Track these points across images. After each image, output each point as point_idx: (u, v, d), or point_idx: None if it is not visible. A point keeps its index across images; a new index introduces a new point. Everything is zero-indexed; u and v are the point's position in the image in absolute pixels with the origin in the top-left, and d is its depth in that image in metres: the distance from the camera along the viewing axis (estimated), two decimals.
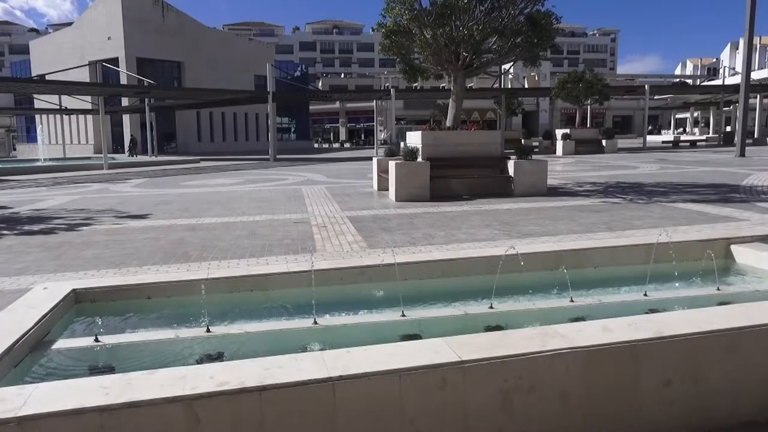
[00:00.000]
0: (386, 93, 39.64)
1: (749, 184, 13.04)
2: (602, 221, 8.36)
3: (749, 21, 24.01)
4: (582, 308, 3.77)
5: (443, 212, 9.73)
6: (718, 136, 43.97)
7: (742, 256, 4.74)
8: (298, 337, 3.40)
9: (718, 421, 2.61)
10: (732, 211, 8.97)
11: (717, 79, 60.71)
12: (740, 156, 24.07)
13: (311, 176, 19.28)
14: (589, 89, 31.76)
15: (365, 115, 66.65)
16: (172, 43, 47.36)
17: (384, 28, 12.59)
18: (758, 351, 2.67)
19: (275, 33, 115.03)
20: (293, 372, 2.21)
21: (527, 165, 12.38)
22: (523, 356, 2.37)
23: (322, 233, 7.86)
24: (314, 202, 11.69)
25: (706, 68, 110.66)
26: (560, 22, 12.78)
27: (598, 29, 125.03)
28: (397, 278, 3.89)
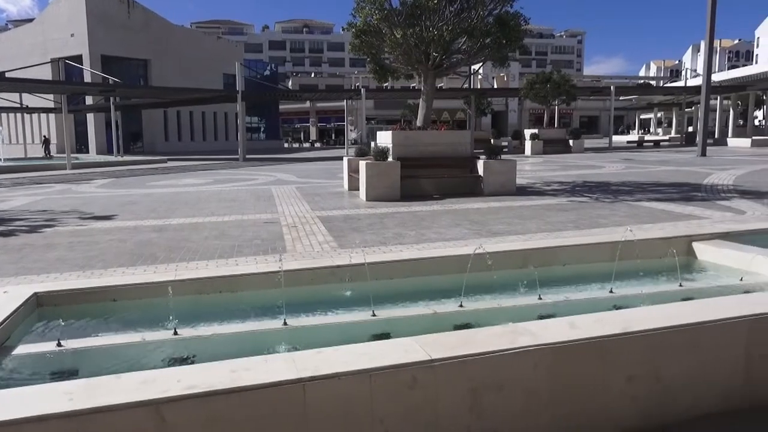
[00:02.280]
0: (357, 93, 39.61)
1: (710, 183, 13.42)
2: (570, 220, 8.50)
3: (710, 24, 24.72)
4: (550, 306, 3.83)
5: (413, 212, 9.77)
6: (680, 136, 45.15)
7: (703, 253, 4.87)
8: (268, 338, 3.37)
9: (679, 415, 2.68)
10: (694, 210, 9.22)
11: (679, 81, 62.29)
12: (701, 156, 24.75)
13: (281, 176, 19.14)
14: (556, 90, 32.26)
15: (336, 114, 66.47)
16: (138, 40, 46.45)
17: (354, 27, 12.58)
18: (717, 345, 2.75)
19: (244, 31, 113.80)
20: (263, 373, 2.19)
21: (496, 165, 12.51)
22: (491, 354, 2.39)
23: (292, 233, 7.82)
24: (284, 202, 11.61)
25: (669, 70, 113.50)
26: (528, 23, 12.95)
27: (565, 31, 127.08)
28: (368, 278, 3.89)
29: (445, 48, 12.23)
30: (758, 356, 2.81)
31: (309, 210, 10.25)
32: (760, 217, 8.28)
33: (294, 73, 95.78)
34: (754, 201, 10.14)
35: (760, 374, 2.83)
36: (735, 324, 2.75)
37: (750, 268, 4.38)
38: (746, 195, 11.07)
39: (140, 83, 46.45)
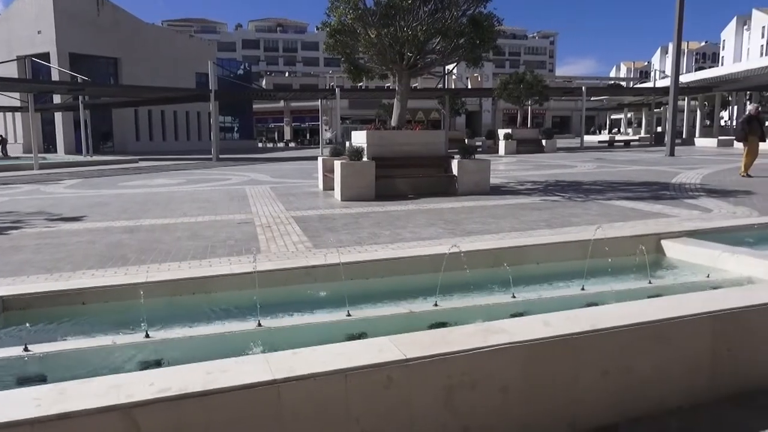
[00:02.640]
0: (331, 92, 39.51)
1: (678, 182, 13.72)
2: (543, 219, 8.60)
3: (677, 27, 25.26)
4: (523, 303, 3.87)
5: (388, 212, 9.78)
6: (649, 136, 46.07)
7: (671, 250, 4.98)
8: (242, 339, 3.34)
9: (649, 409, 2.74)
10: (663, 208, 9.41)
11: (648, 82, 63.57)
12: (670, 155, 25.29)
13: (255, 176, 18.99)
14: (529, 90, 32.65)
15: (310, 114, 66.25)
16: (108, 38, 45.59)
17: (328, 27, 12.54)
18: (685, 340, 2.81)
19: (217, 30, 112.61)
20: (237, 375, 2.17)
21: (471, 164, 12.60)
22: (466, 352, 2.41)
23: (266, 234, 7.76)
24: (258, 202, 11.52)
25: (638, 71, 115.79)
26: (502, 24, 13.07)
27: (537, 32, 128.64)
28: (343, 278, 3.88)
29: (419, 48, 12.27)
30: (724, 350, 2.89)
31: (283, 210, 10.19)
32: (726, 216, 8.50)
33: (268, 73, 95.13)
34: (720, 199, 10.40)
35: (725, 368, 2.91)
36: (702, 320, 2.82)
37: (716, 264, 4.49)
38: (712, 194, 11.35)
39: (110, 82, 45.60)
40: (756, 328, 2.97)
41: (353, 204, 10.88)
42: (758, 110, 16.34)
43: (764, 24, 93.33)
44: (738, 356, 2.94)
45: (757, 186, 12.46)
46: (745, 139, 14.92)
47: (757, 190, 11.61)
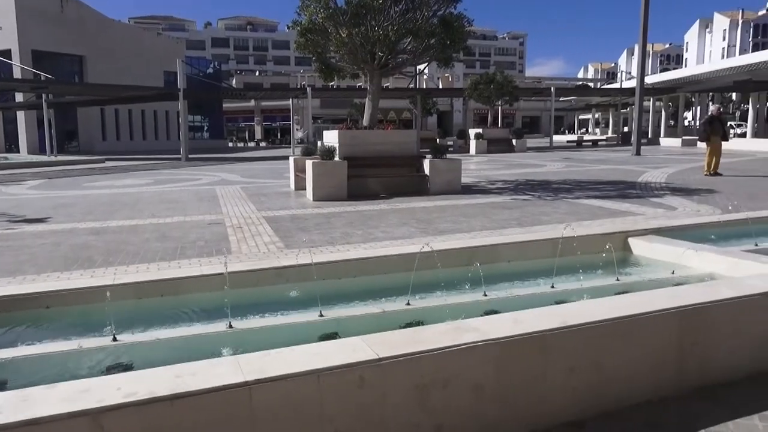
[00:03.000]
0: (302, 91, 39.31)
1: (644, 181, 14.03)
2: (513, 217, 8.70)
3: (642, 29, 25.81)
4: (495, 302, 3.90)
5: (361, 211, 9.77)
6: (617, 136, 46.97)
7: (638, 248, 5.09)
8: (212, 342, 3.30)
9: (615, 404, 2.79)
10: (629, 206, 9.61)
11: (615, 83, 64.81)
12: (636, 155, 25.84)
13: (226, 176, 18.77)
14: (499, 90, 32.97)
15: (281, 113, 65.74)
16: (73, 35, 44.46)
17: (299, 26, 12.47)
18: (651, 336, 2.88)
19: (186, 28, 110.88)
20: (207, 378, 2.14)
21: (442, 164, 12.67)
22: (438, 351, 2.42)
23: (237, 234, 7.68)
24: (229, 202, 11.39)
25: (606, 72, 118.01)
26: (472, 24, 13.17)
27: (507, 33, 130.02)
28: (315, 278, 3.86)
29: (390, 48, 12.28)
30: (689, 345, 2.96)
31: (254, 210, 10.09)
32: (690, 213, 8.72)
33: (238, 71, 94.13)
34: (684, 198, 10.67)
35: (690, 363, 2.98)
36: (667, 315, 2.89)
37: (680, 261, 4.61)
38: (677, 192, 11.63)
39: (75, 80, 44.51)
40: (718, 323, 3.05)
41: (325, 204, 10.84)
42: (720, 111, 16.83)
43: (725, 27, 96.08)
44: (702, 350, 3.02)
45: (719, 185, 12.81)
46: (708, 139, 15.33)
47: (719, 189, 11.94)
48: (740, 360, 3.12)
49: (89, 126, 47.76)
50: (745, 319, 3.12)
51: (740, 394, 2.92)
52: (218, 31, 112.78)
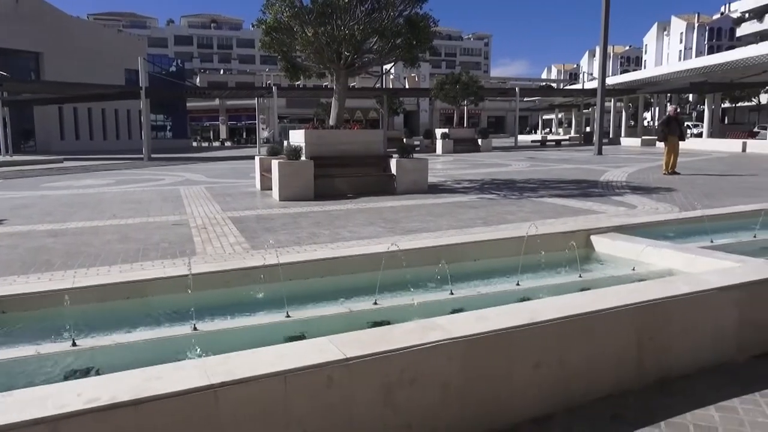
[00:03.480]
0: (268, 91, 38.95)
1: (605, 180, 14.35)
2: (479, 216, 8.79)
3: (604, 32, 26.40)
4: (461, 300, 3.94)
5: (327, 211, 9.74)
6: (579, 136, 47.90)
7: (600, 245, 5.21)
8: (177, 345, 3.25)
9: (579, 398, 2.85)
10: (592, 205, 9.82)
11: (577, 84, 66.10)
12: (598, 154, 26.41)
13: (190, 176, 18.47)
14: (465, 90, 33.26)
15: (247, 113, 64.95)
16: (29, 31, 42.99)
17: (264, 24, 12.35)
18: (611, 332, 2.95)
19: (147, 25, 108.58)
20: (172, 382, 2.11)
21: (409, 163, 12.73)
22: (405, 350, 2.43)
23: (202, 235, 7.56)
24: (193, 203, 11.21)
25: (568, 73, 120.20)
26: (437, 25, 13.26)
27: (472, 34, 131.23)
28: (281, 279, 3.83)
29: (356, 47, 12.27)
30: (647, 340, 3.05)
31: (220, 211, 9.96)
32: (649, 211, 8.96)
33: (202, 70, 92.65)
34: (644, 196, 10.96)
35: (650, 357, 3.07)
36: (627, 311, 2.96)
37: (640, 258, 4.73)
38: (637, 190, 11.94)
39: (32, 77, 43.11)
40: (676, 317, 3.14)
41: (291, 204, 10.77)
42: (677, 112, 17.34)
43: (682, 30, 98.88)
44: (660, 345, 3.11)
45: (677, 183, 13.20)
46: (666, 139, 15.78)
47: (677, 188, 12.30)
48: (697, 353, 3.23)
49: (47, 125, 46.29)
50: (701, 313, 3.23)
51: (697, 386, 3.01)
52: (181, 29, 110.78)
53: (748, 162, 20.45)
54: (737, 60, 34.26)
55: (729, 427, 2.60)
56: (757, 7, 64.72)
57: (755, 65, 34.26)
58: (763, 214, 6.00)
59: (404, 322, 2.86)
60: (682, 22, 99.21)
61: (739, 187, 12.26)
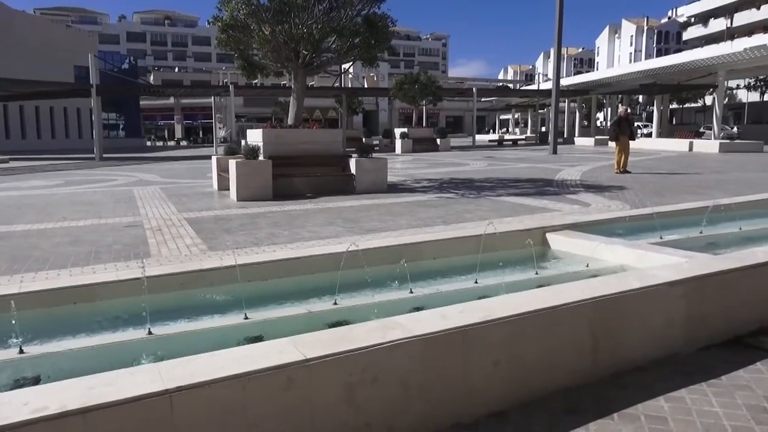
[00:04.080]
0: (225, 89, 38.29)
1: (560, 179, 14.68)
2: (438, 215, 8.87)
3: (557, 34, 26.98)
4: (421, 298, 3.97)
5: (287, 211, 9.65)
6: (535, 136, 48.91)
7: (555, 243, 5.32)
8: (131, 350, 3.16)
9: (537, 392, 2.90)
10: (548, 203, 10.03)
11: (533, 85, 67.42)
12: (553, 153, 26.98)
13: (144, 176, 18.01)
14: (424, 90, 33.47)
15: (203, 111, 63.80)
16: None
17: (220, 22, 12.15)
18: (567, 327, 3.02)
19: (98, 21, 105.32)
20: (125, 388, 2.05)
21: (368, 163, 12.73)
22: (366, 349, 2.43)
23: (157, 237, 7.38)
24: (148, 204, 10.94)
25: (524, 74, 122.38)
26: (396, 25, 13.31)
27: (430, 34, 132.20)
28: (240, 280, 3.78)
29: (314, 46, 12.21)
30: (602, 334, 3.13)
31: (175, 212, 9.74)
32: (602, 209, 9.21)
33: (156, 68, 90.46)
34: (597, 194, 11.26)
35: (604, 351, 3.15)
36: (582, 306, 3.04)
37: (594, 254, 4.86)
38: (590, 189, 12.26)
39: None
40: (628, 312, 3.24)
41: (250, 204, 10.62)
42: (628, 112, 17.89)
43: (632, 33, 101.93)
44: (614, 339, 3.20)
45: (629, 182, 13.61)
46: (617, 138, 16.25)
47: (629, 186, 12.68)
48: (648, 346, 3.33)
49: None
50: (652, 307, 3.34)
51: (648, 378, 3.11)
52: (134, 25, 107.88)
53: (694, 161, 21.26)
54: (684, 63, 35.58)
55: (677, 417, 2.70)
56: (702, 12, 67.37)
57: (700, 68, 35.65)
58: (708, 211, 6.25)
59: (364, 321, 2.86)
60: (632, 26, 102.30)
61: (685, 185, 12.73)
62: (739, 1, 60.68)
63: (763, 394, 2.91)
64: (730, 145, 28.04)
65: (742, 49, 29.84)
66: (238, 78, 48.45)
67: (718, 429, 2.59)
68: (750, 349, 3.49)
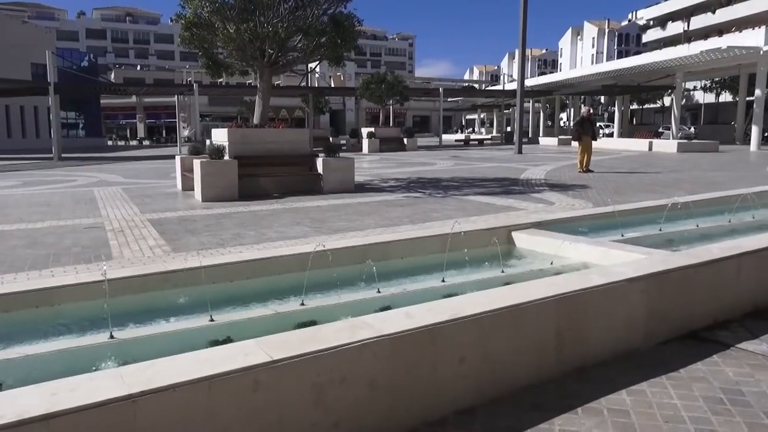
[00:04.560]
0: (189, 88, 37.69)
1: (525, 178, 14.90)
2: (405, 215, 8.90)
3: (522, 35, 27.37)
4: (388, 298, 3.98)
5: (253, 211, 9.56)
6: (501, 135, 49.51)
7: (520, 241, 5.40)
8: (93, 354, 3.09)
9: (504, 389, 2.95)
10: (513, 202, 10.17)
11: (498, 85, 68.24)
12: (518, 153, 27.37)
13: (105, 177, 17.59)
14: (390, 90, 33.57)
15: (166, 110, 62.58)
16: None
17: (183, 19, 11.94)
18: (532, 325, 3.07)
19: (56, 17, 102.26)
20: (87, 393, 2.00)
21: (335, 162, 12.70)
22: (333, 349, 2.43)
23: (119, 239, 7.22)
24: (109, 205, 10.68)
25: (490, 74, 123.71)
26: (362, 24, 13.29)
27: (397, 34, 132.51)
28: (205, 282, 3.73)
29: (280, 45, 12.11)
30: (566, 330, 3.19)
31: (138, 213, 9.54)
32: (566, 208, 9.38)
33: (117, 65, 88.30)
34: (561, 193, 11.47)
35: (568, 346, 3.21)
36: (547, 303, 3.09)
37: (558, 252, 4.95)
38: (554, 188, 12.48)
39: None
40: (591, 308, 3.31)
41: (215, 204, 10.48)
42: (590, 113, 18.28)
43: (594, 35, 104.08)
44: (578, 335, 3.26)
45: (591, 181, 13.90)
46: (580, 138, 16.58)
47: (592, 185, 12.95)
48: (610, 341, 3.41)
49: None
50: (614, 303, 3.42)
51: (611, 373, 3.19)
52: (93, 22, 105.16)
53: (653, 160, 21.84)
54: (643, 64, 36.51)
55: (639, 410, 2.77)
56: (660, 16, 69.22)
57: (659, 69, 36.65)
58: (667, 209, 6.43)
59: (332, 321, 2.85)
60: (594, 28, 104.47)
61: (645, 184, 13.07)
62: (695, 5, 62.55)
63: (719, 386, 3.01)
64: (688, 144, 28.90)
65: (699, 51, 30.79)
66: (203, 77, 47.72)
67: (677, 420, 2.67)
68: (706, 342, 3.61)
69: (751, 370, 3.21)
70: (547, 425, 2.65)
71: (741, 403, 2.82)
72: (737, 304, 4.05)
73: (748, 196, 7.07)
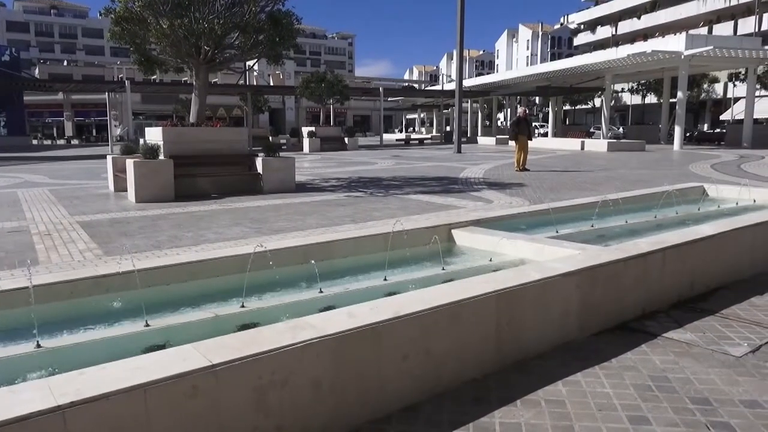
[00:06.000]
0: (120, 85, 36.28)
1: (465, 177, 15.17)
2: (347, 214, 8.89)
3: (459, 36, 27.85)
4: (331, 298, 3.95)
5: (190, 212, 9.30)
6: (440, 135, 50.23)
7: (460, 239, 5.49)
8: (17, 365, 2.92)
9: (448, 384, 2.99)
10: (453, 200, 10.34)
11: (438, 85, 69.19)
12: (457, 152, 27.84)
13: (30, 177, 16.68)
14: (331, 89, 33.45)
15: (97, 108, 59.97)
16: None
17: (113, 13, 11.48)
18: (473, 320, 3.13)
19: None
20: (10, 406, 1.89)
21: (275, 162, 12.53)
22: (275, 351, 2.39)
23: (46, 242, 6.86)
24: (35, 207, 10.13)
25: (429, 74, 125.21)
26: (301, 23, 13.18)
27: (336, 33, 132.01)
28: (140, 286, 3.59)
29: (217, 42, 11.84)
30: (505, 325, 3.27)
31: (67, 215, 9.10)
32: (504, 205, 9.62)
33: (42, 60, 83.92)
34: (499, 191, 11.75)
35: (507, 340, 3.30)
36: (486, 299, 3.16)
37: (497, 249, 5.06)
38: (493, 186, 12.77)
39: None
40: (527, 303, 3.41)
41: (150, 206, 10.13)
42: (526, 113, 18.80)
43: (528, 38, 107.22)
44: (516, 328, 3.35)
45: (528, 179, 14.31)
46: (516, 138, 17.04)
47: (528, 183, 13.33)
48: (547, 334, 3.52)
49: None
50: (549, 297, 3.53)
51: (547, 365, 3.29)
52: (15, 14, 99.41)
53: (585, 159, 22.71)
54: (575, 67, 37.91)
55: (574, 400, 2.88)
56: (590, 20, 72.10)
57: (590, 72, 38.14)
58: (598, 206, 6.69)
59: (273, 323, 2.80)
60: (528, 30, 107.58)
61: (578, 182, 13.57)
62: (622, 11, 65.52)
63: (647, 374, 3.16)
64: (617, 144, 30.23)
65: (626, 55, 32.27)
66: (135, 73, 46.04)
67: (610, 408, 2.79)
68: (636, 333, 3.79)
69: (676, 357, 3.38)
70: (487, 418, 2.70)
71: (667, 389, 2.97)
72: (664, 296, 4.27)
73: (672, 192, 7.46)
